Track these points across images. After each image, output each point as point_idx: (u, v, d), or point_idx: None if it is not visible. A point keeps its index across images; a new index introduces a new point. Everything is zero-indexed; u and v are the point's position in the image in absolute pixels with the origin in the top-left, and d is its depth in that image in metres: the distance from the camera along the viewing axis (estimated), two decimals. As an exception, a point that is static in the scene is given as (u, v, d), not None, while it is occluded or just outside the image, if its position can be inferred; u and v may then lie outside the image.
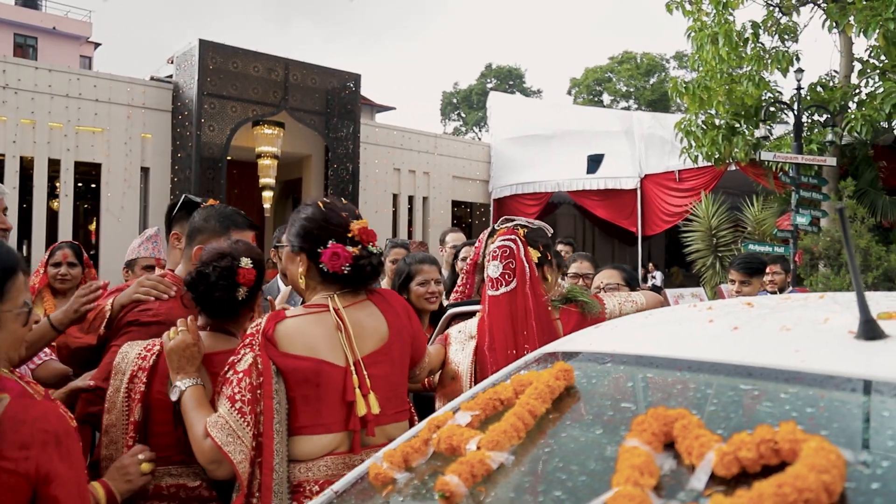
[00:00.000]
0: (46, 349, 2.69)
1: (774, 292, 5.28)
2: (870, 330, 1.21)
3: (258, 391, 1.84)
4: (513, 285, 2.41)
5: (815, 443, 0.93)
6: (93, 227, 15.47)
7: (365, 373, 1.91)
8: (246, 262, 2.18)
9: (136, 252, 4.31)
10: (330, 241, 1.96)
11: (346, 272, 1.96)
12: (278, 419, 1.84)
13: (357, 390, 1.88)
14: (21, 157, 12.38)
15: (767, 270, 5.38)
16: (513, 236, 2.48)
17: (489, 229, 2.68)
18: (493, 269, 2.45)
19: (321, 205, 2.04)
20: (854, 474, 0.91)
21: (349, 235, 1.98)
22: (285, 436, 1.86)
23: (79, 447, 1.44)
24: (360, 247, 1.98)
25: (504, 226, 2.56)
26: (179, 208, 2.97)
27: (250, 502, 1.80)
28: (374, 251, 2.00)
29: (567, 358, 1.54)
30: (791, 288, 5.35)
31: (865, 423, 1.05)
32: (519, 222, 2.56)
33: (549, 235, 2.66)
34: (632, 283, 3.76)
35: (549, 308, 2.49)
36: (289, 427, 1.89)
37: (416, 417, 2.12)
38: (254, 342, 1.92)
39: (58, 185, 12.99)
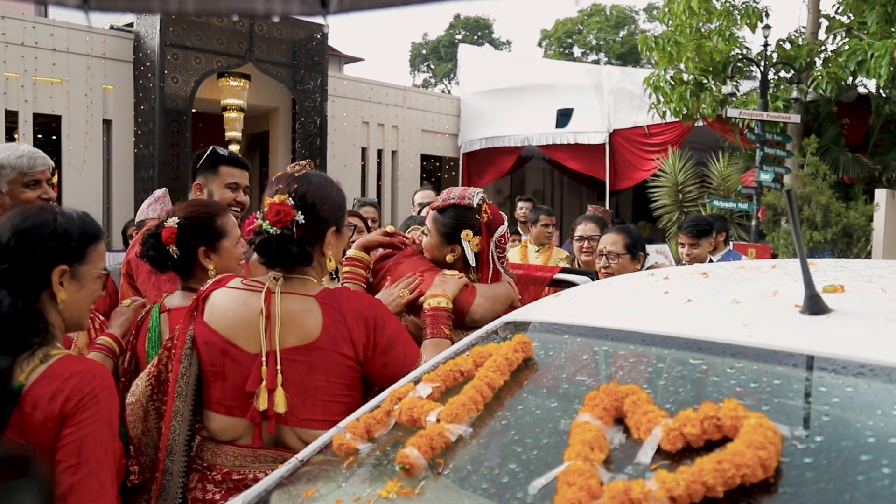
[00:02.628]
0: None
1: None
2: (814, 305, 1.26)
3: (171, 350, 1.93)
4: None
5: (754, 419, 0.98)
6: (55, 180, 15.14)
7: (278, 367, 1.78)
8: (171, 220, 2.23)
9: (144, 213, 4.45)
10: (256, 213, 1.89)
11: (251, 247, 1.88)
12: (182, 383, 1.89)
13: (263, 383, 1.77)
14: (-24, 109, 12.01)
15: None
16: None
17: (475, 197, 2.46)
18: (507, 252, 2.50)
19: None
20: (789, 449, 0.96)
21: (265, 212, 1.84)
22: (191, 399, 1.92)
23: (114, 407, 1.54)
24: (263, 222, 1.82)
25: (480, 199, 2.46)
26: (205, 160, 3.04)
27: (157, 457, 1.89)
28: (270, 230, 1.79)
29: (526, 329, 1.58)
30: (728, 247, 5.56)
31: (805, 398, 1.11)
32: (482, 193, 2.49)
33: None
34: (634, 251, 3.55)
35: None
36: (204, 398, 1.92)
37: None
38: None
39: (16, 137, 12.60)
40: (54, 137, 13.47)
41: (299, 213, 1.80)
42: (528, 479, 1.07)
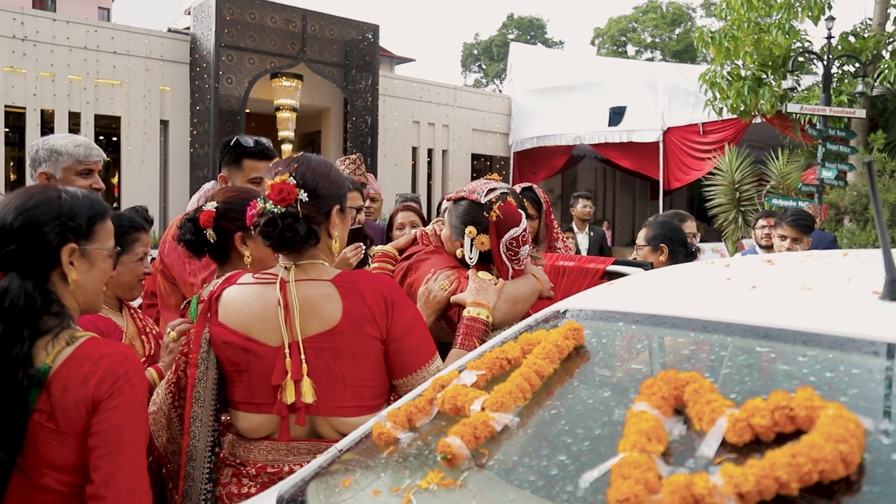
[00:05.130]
0: None
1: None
2: (896, 290, 1.15)
3: (187, 355, 1.89)
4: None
5: (833, 410, 0.88)
6: (115, 179, 15.56)
7: (302, 357, 1.72)
8: (210, 205, 2.19)
9: (193, 207, 4.42)
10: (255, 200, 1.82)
11: (255, 231, 1.80)
12: (200, 388, 1.85)
13: (288, 374, 1.71)
14: (42, 111, 12.37)
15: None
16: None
17: (486, 193, 2.33)
18: (524, 253, 2.35)
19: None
20: (874, 444, 0.86)
21: (266, 193, 1.78)
22: (210, 403, 1.87)
23: (146, 390, 1.51)
24: (265, 203, 1.76)
25: (494, 196, 2.31)
26: (229, 150, 2.96)
27: (178, 463, 1.87)
28: (275, 209, 1.73)
29: (578, 316, 1.49)
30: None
31: (889, 389, 1.00)
32: (503, 190, 2.34)
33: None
34: (653, 242, 3.57)
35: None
36: (229, 399, 1.88)
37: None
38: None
39: (78, 138, 12.99)
40: (114, 138, 13.85)
41: (302, 191, 1.74)
42: (579, 471, 0.99)
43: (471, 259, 2.31)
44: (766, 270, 1.54)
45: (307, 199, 1.75)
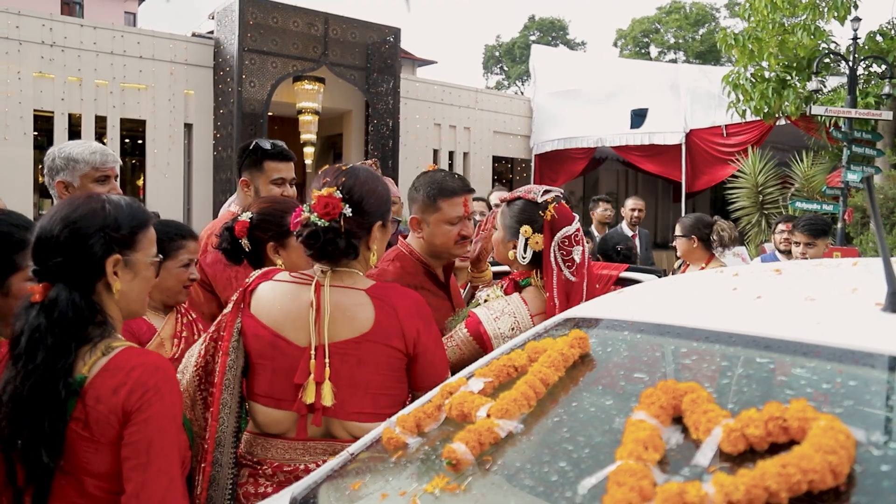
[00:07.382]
0: None
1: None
2: (897, 302, 1.16)
3: (218, 342, 1.92)
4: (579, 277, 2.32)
5: (824, 422, 0.90)
6: (140, 182, 15.77)
7: (327, 360, 1.76)
8: (245, 215, 2.28)
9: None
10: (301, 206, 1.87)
11: (298, 239, 1.84)
12: (230, 375, 1.89)
13: (311, 376, 1.75)
14: (69, 115, 12.59)
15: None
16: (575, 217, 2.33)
17: (512, 196, 2.40)
18: (577, 254, 2.30)
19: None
20: (864, 455, 0.88)
21: (312, 204, 1.81)
22: (237, 390, 1.92)
23: (177, 400, 1.52)
24: (310, 214, 1.79)
25: (550, 197, 2.33)
26: (249, 154, 2.99)
27: (202, 447, 1.89)
28: (318, 222, 1.77)
29: (584, 325, 1.52)
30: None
31: (884, 401, 1.02)
32: (557, 193, 2.35)
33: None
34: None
35: None
36: (250, 390, 1.92)
37: None
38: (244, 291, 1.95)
39: (105, 141, 13.17)
40: (140, 141, 14.06)
41: (347, 206, 1.78)
42: (579, 478, 1.02)
43: (524, 259, 2.31)
44: (773, 280, 1.55)
45: (351, 214, 1.79)
